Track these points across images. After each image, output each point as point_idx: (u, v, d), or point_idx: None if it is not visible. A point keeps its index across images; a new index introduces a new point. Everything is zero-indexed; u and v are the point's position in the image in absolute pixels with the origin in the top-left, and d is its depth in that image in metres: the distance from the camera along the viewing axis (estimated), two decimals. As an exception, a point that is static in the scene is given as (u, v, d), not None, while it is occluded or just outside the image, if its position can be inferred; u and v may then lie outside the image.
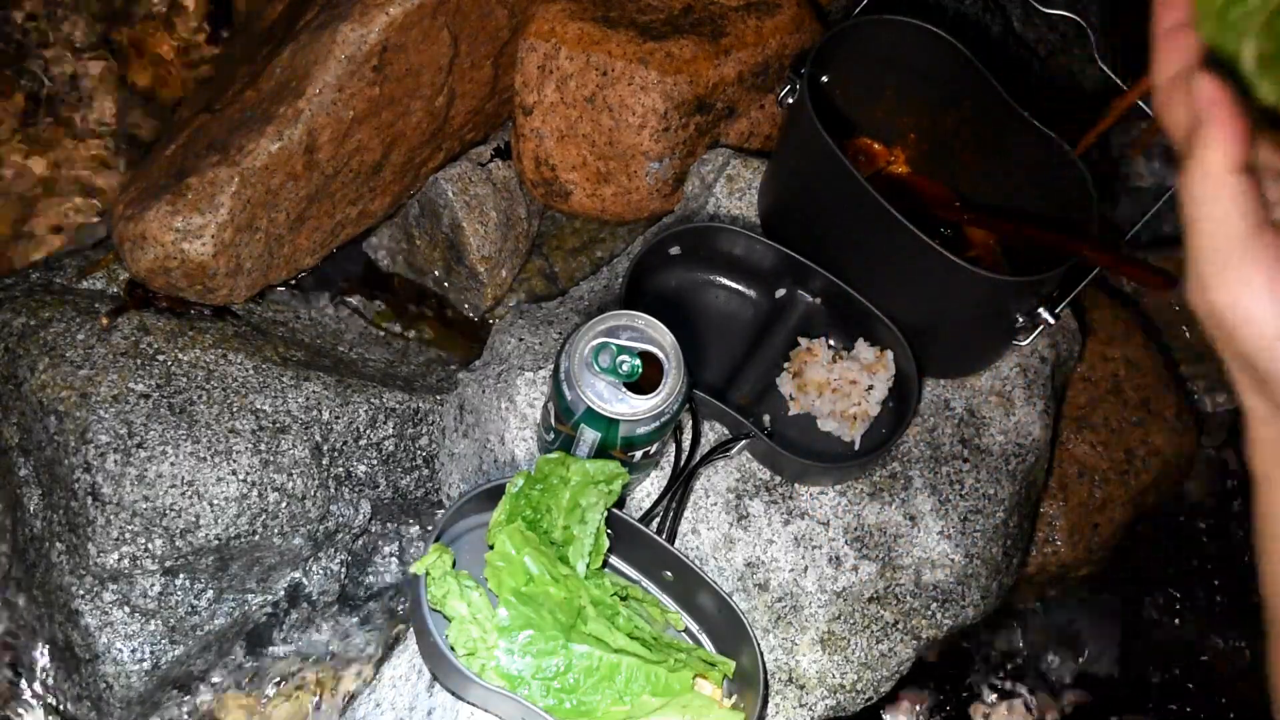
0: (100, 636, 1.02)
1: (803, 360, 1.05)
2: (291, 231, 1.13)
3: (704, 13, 1.21)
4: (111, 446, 1.01)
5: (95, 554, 1.00)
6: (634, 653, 0.88)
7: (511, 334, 1.09)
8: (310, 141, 1.08)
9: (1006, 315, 1.02)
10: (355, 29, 1.08)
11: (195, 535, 1.01)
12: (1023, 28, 1.46)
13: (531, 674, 0.86)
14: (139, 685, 1.03)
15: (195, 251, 1.06)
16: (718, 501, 1.03)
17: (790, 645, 0.99)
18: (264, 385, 1.07)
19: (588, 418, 0.87)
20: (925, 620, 1.02)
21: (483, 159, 1.26)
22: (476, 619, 0.87)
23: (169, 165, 1.10)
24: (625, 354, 0.87)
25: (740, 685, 0.92)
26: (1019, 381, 1.12)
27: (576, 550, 0.90)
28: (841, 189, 0.98)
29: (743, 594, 1.00)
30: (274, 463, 1.04)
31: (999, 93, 1.02)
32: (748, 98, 1.22)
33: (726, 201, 1.16)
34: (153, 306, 1.10)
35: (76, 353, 1.05)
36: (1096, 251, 0.97)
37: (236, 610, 1.07)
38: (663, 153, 1.19)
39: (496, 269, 1.26)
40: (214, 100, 1.17)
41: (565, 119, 1.19)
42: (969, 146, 1.09)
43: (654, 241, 1.05)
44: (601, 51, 1.16)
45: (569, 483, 0.90)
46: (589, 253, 1.31)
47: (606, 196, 1.22)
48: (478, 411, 1.08)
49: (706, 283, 1.09)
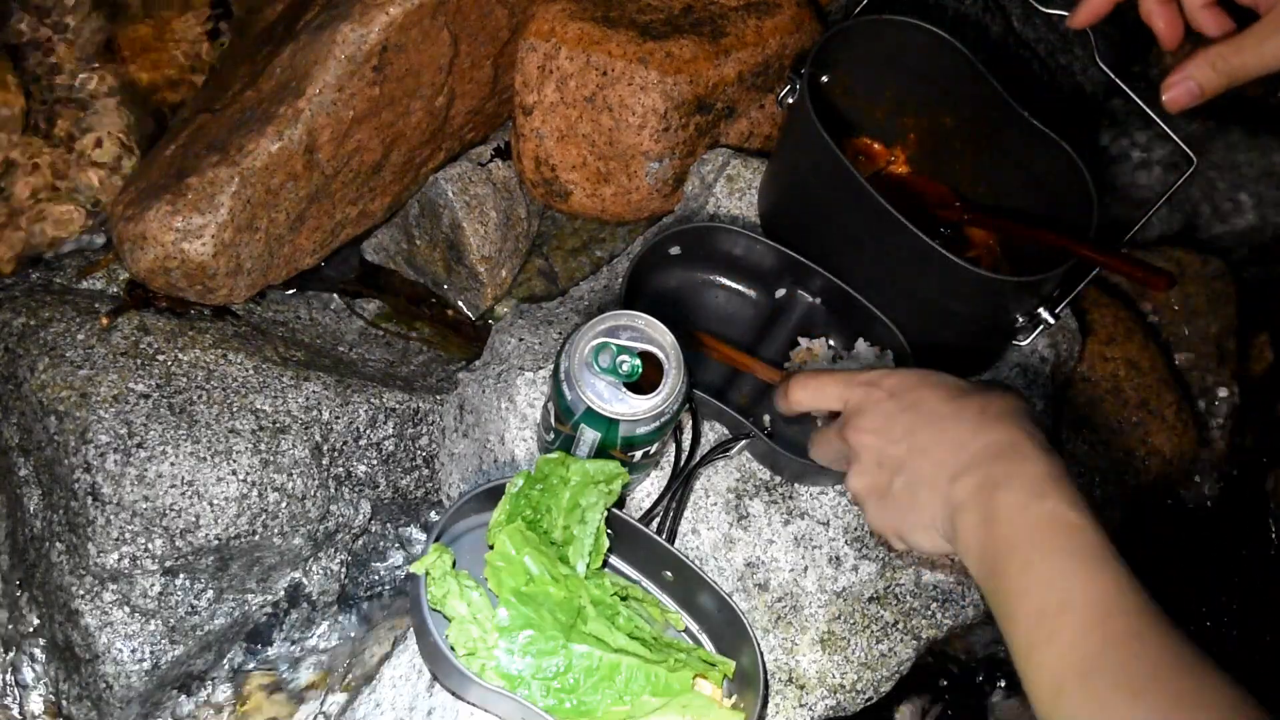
0: (100, 636, 1.02)
1: (803, 360, 1.05)
2: (291, 231, 1.13)
3: (704, 13, 1.21)
4: (111, 446, 1.01)
5: (95, 554, 1.00)
6: (634, 653, 0.88)
7: (511, 334, 1.09)
8: (310, 141, 1.08)
9: (1006, 315, 1.02)
10: (355, 29, 1.08)
11: (195, 535, 1.01)
12: (1023, 28, 1.46)
13: (531, 674, 0.86)
14: (139, 685, 1.03)
15: (195, 251, 1.06)
16: (718, 501, 1.03)
17: (790, 645, 0.99)
18: (264, 385, 1.07)
19: (588, 418, 0.87)
20: (925, 620, 1.02)
21: (483, 159, 1.26)
22: (476, 619, 0.87)
23: (169, 165, 1.11)
24: (625, 354, 0.87)
25: (740, 685, 0.92)
26: (1019, 381, 1.12)
27: (576, 550, 0.90)
28: (841, 189, 0.98)
29: (743, 594, 1.00)
30: (274, 463, 1.04)
31: (999, 93, 1.02)
32: (748, 98, 1.22)
33: (726, 201, 1.16)
34: (153, 306, 1.10)
35: (76, 353, 1.05)
36: (1096, 251, 0.97)
37: (236, 610, 1.07)
38: (663, 153, 1.19)
39: (496, 269, 1.26)
40: (214, 100, 1.17)
41: (565, 119, 1.19)
42: (969, 146, 1.09)
43: (654, 241, 1.05)
44: (601, 51, 1.16)
45: (569, 483, 0.90)
46: (589, 253, 1.31)
47: (606, 196, 1.22)
48: (478, 411, 1.08)
49: (706, 283, 1.09)
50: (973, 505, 0.71)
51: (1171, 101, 0.80)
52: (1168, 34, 0.83)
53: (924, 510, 0.75)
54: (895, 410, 0.78)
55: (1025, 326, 1.03)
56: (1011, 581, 0.68)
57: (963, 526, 0.72)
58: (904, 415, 0.77)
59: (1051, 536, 0.67)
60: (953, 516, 0.72)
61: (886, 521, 0.78)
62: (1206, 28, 0.80)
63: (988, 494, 0.71)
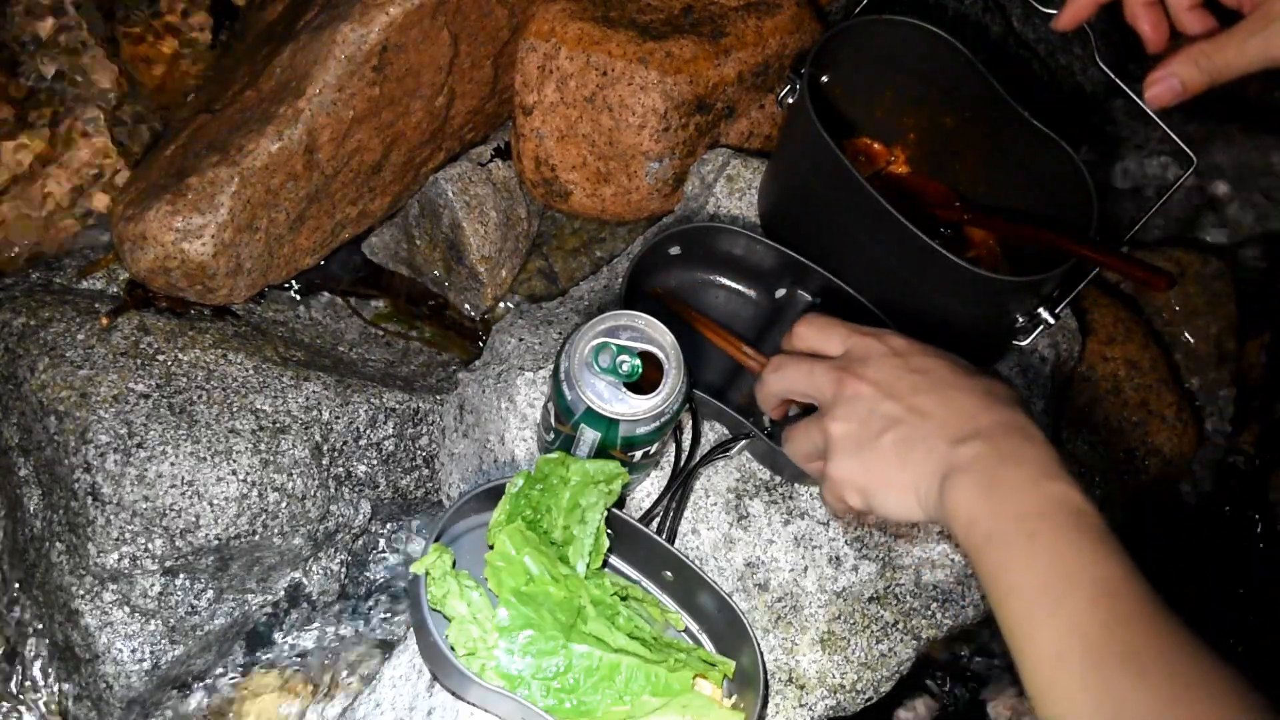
0: (100, 636, 1.02)
1: (803, 360, 1.05)
2: (291, 231, 1.13)
3: (704, 13, 1.21)
4: (111, 446, 1.01)
5: (95, 554, 1.00)
6: (634, 653, 0.88)
7: (511, 334, 1.09)
8: (310, 141, 1.08)
9: (1006, 315, 1.02)
10: (355, 29, 1.08)
11: (195, 535, 1.01)
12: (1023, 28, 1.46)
13: (531, 674, 0.86)
14: (139, 685, 1.03)
15: (195, 251, 1.06)
16: (718, 501, 1.03)
17: (790, 645, 0.99)
18: (264, 385, 1.07)
19: (588, 418, 0.87)
20: (925, 620, 1.02)
21: (483, 159, 1.26)
22: (476, 619, 0.87)
23: (169, 165, 1.11)
24: (625, 354, 0.87)
25: (740, 685, 0.92)
26: (1019, 381, 1.12)
27: (576, 550, 0.90)
28: (841, 189, 0.98)
29: (743, 594, 1.00)
30: (274, 463, 1.04)
31: (999, 93, 1.02)
32: (748, 98, 1.22)
33: (726, 201, 1.16)
34: (153, 306, 1.10)
35: (76, 353, 1.05)
36: (1096, 251, 0.97)
37: (236, 610, 1.07)
38: (663, 153, 1.19)
39: (496, 269, 1.26)
40: (214, 100, 1.17)
41: (565, 119, 1.19)
42: (969, 146, 1.09)
43: (654, 241, 1.05)
44: (601, 51, 1.16)
45: (569, 483, 0.90)
46: (589, 253, 1.31)
47: (606, 196, 1.22)
48: (478, 411, 1.08)
49: (706, 283, 1.09)
50: (976, 470, 0.70)
51: (1154, 98, 0.81)
52: (1153, 36, 0.83)
53: (910, 470, 0.73)
54: (900, 368, 0.77)
55: (1025, 326, 1.03)
56: (1012, 551, 0.67)
57: (958, 491, 0.70)
58: (910, 375, 0.76)
59: (1060, 514, 0.67)
60: (947, 480, 0.71)
61: (855, 473, 0.76)
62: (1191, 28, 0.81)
63: (994, 463, 0.70)
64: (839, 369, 0.79)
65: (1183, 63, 0.79)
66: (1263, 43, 0.77)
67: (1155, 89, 0.80)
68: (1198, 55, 0.79)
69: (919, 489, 0.73)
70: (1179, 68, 0.79)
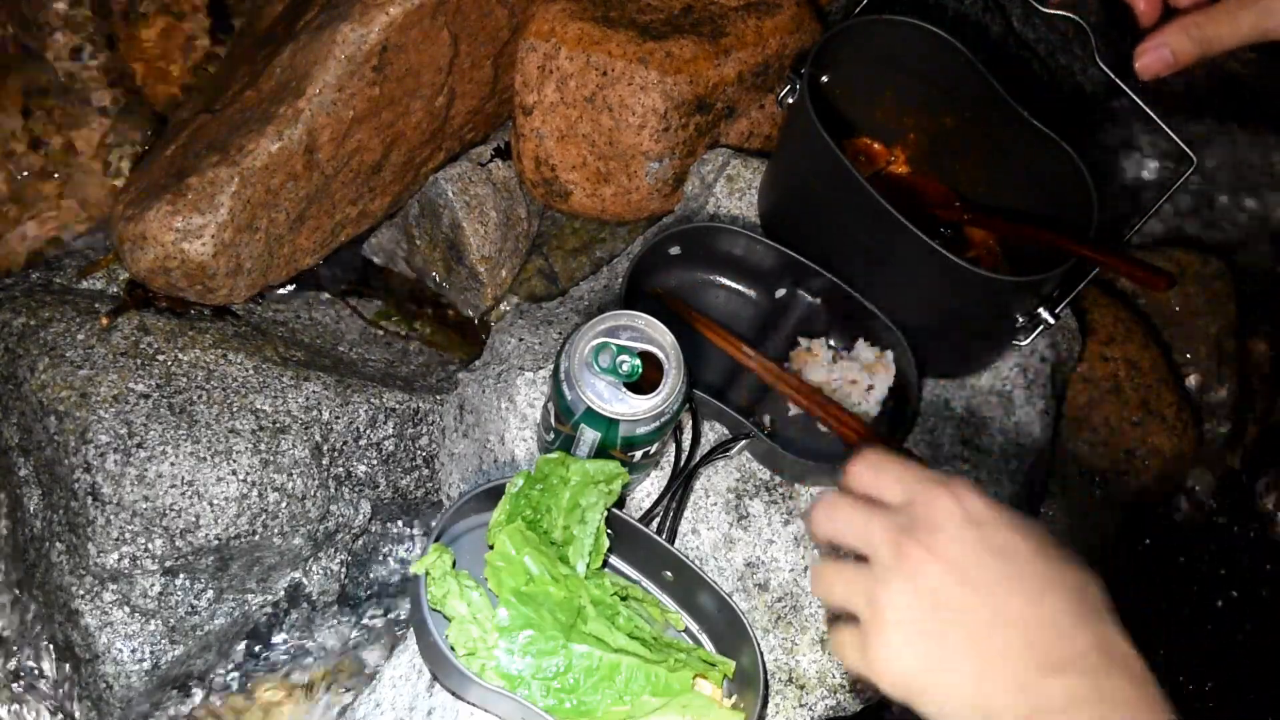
0: (100, 636, 1.02)
1: (803, 360, 1.05)
2: (291, 231, 1.13)
3: (704, 13, 1.21)
4: (111, 446, 1.01)
5: (95, 554, 1.00)
6: (634, 653, 0.88)
7: (511, 334, 1.09)
8: (310, 141, 1.08)
9: (1006, 315, 1.02)
10: (355, 29, 1.08)
11: (195, 535, 1.01)
12: (1023, 28, 1.46)
13: (531, 674, 0.86)
14: (139, 685, 1.03)
15: (195, 251, 1.06)
16: (718, 501, 1.03)
17: (790, 645, 0.99)
18: (264, 385, 1.07)
19: (588, 418, 0.87)
20: (925, 620, 1.02)
21: (483, 159, 1.26)
22: (476, 619, 0.87)
23: (169, 165, 1.11)
24: (625, 354, 0.87)
25: (740, 685, 0.92)
26: (1019, 381, 1.12)
27: (576, 550, 0.90)
28: (841, 189, 0.98)
29: (743, 594, 1.00)
30: (274, 463, 1.04)
31: (999, 93, 1.02)
32: (748, 98, 1.22)
33: (726, 201, 1.16)
34: (153, 306, 1.11)
35: (76, 353, 1.05)
36: (1096, 251, 0.97)
37: (236, 610, 1.07)
38: (663, 153, 1.19)
39: (496, 269, 1.26)
40: (214, 100, 1.17)
41: (565, 119, 1.19)
42: (969, 146, 1.09)
43: (654, 241, 1.05)
44: (601, 51, 1.16)
45: (569, 483, 0.90)
46: (589, 253, 1.31)
47: (606, 196, 1.22)
48: (478, 411, 1.08)
49: (706, 283, 1.09)
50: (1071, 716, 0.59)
51: (1144, 68, 0.79)
52: (1145, 9, 0.82)
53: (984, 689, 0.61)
54: (979, 546, 0.63)
55: (1025, 326, 1.03)
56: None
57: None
58: (990, 559, 0.62)
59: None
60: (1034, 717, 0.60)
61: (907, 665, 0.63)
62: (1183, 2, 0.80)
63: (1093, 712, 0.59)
64: (902, 532, 0.64)
65: (1174, 33, 0.78)
66: (1255, 16, 0.76)
67: (1145, 59, 0.79)
68: (1189, 26, 0.78)
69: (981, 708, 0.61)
70: (1170, 37, 0.78)
